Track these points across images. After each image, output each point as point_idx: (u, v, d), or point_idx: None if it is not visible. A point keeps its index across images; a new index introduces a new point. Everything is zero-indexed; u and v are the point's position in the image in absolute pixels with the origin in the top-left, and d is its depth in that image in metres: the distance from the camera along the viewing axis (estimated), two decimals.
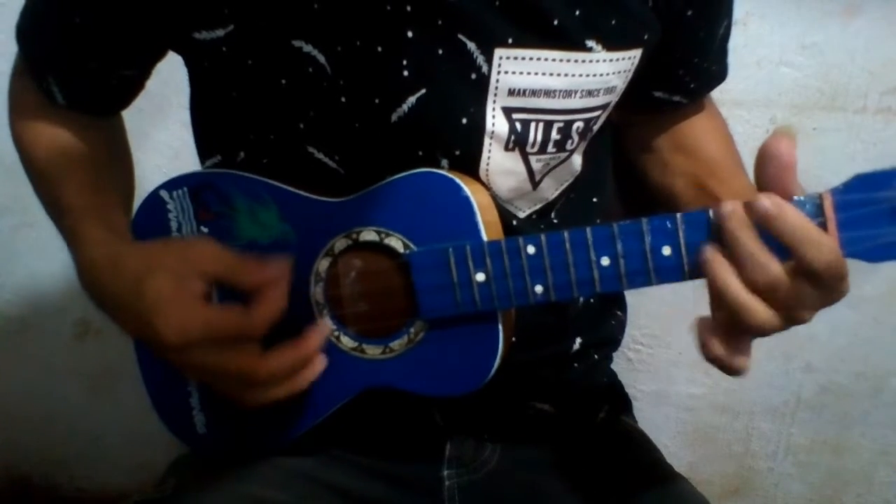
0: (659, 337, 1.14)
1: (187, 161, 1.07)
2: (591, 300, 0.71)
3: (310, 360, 0.56)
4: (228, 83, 0.60)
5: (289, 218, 0.59)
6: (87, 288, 0.61)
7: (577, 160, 0.64)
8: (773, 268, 0.46)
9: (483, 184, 0.59)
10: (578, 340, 0.71)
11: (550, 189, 0.64)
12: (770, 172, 0.46)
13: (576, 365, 0.72)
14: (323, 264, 0.59)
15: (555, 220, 0.65)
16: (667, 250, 0.49)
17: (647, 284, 0.50)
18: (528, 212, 0.64)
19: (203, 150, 0.68)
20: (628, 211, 0.81)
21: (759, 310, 0.46)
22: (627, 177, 0.77)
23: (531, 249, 0.52)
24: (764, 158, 0.46)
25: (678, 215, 0.49)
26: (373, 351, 0.59)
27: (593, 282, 0.51)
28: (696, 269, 0.49)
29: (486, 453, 0.71)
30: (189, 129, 0.69)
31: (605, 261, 0.50)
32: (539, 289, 0.52)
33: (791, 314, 0.47)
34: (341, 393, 0.61)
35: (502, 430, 0.71)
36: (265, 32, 0.55)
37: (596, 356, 0.74)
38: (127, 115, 0.73)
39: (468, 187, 0.54)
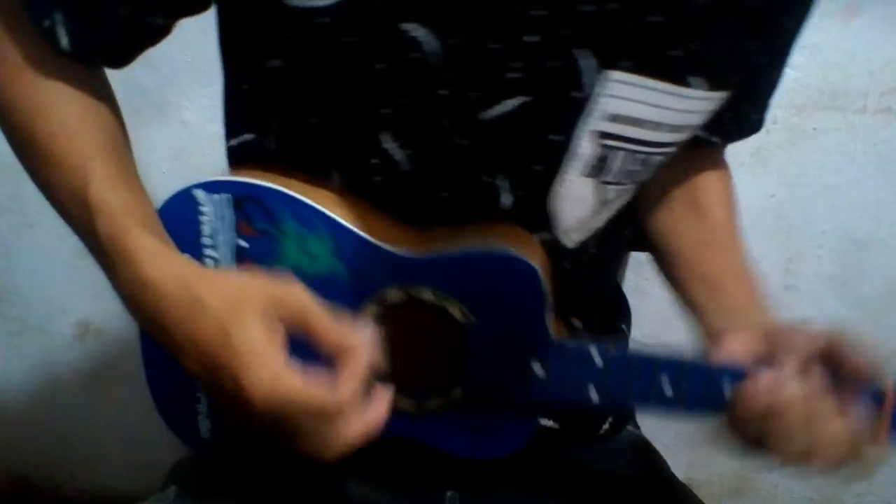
0: (659, 337, 1.13)
1: (187, 162, 1.08)
2: (595, 314, 0.71)
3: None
4: (308, 58, 0.54)
5: (344, 256, 0.56)
6: (138, 309, 0.51)
7: (633, 192, 0.62)
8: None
9: (547, 214, 0.58)
10: None
11: (604, 219, 0.62)
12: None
13: None
14: (371, 310, 0.57)
15: (592, 251, 0.63)
16: (729, 391, 0.52)
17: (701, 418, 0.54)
18: (576, 241, 0.61)
19: (233, 127, 0.63)
20: None
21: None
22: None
23: (598, 361, 0.53)
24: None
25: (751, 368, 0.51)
26: (406, 404, 0.58)
27: (650, 403, 0.54)
28: None
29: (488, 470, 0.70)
30: (189, 130, 0.68)
31: (668, 391, 0.53)
32: (595, 396, 0.54)
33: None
34: None
35: None
36: (375, 11, 0.50)
37: None
38: (127, 115, 0.71)
39: (542, 273, 0.54)
